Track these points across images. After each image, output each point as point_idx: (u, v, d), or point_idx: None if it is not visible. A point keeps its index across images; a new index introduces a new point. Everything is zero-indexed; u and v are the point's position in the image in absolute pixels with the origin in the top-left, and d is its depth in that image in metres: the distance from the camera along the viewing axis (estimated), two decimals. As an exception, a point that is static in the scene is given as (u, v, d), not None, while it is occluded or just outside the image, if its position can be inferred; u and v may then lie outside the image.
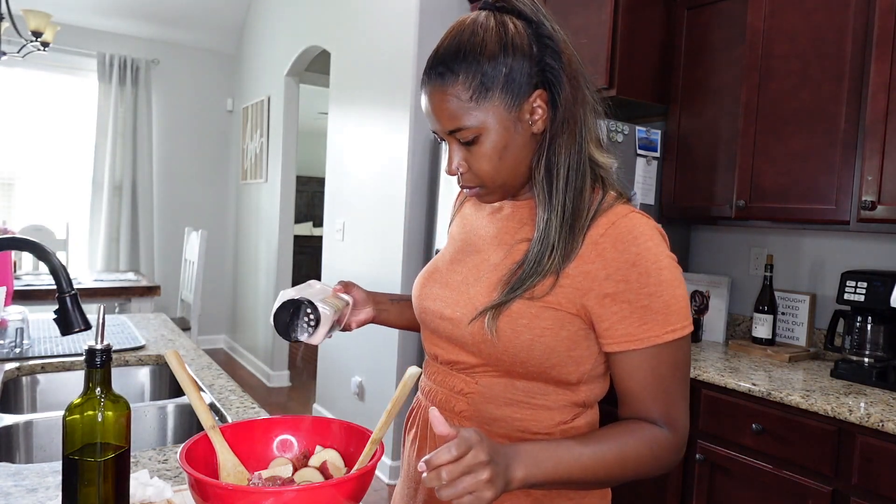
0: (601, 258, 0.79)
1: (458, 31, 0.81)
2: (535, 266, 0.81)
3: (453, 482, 0.64)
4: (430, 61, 0.82)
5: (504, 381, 0.84)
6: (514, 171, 0.83)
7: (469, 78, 0.78)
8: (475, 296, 0.85)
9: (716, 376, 1.84)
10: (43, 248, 1.01)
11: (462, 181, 0.86)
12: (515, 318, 0.80)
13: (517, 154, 0.82)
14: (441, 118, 0.81)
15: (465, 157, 0.83)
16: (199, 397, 0.80)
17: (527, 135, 0.82)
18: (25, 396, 1.59)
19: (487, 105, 0.79)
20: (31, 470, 0.98)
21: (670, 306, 0.78)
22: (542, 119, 0.82)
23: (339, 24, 3.76)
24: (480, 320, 0.82)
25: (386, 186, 3.21)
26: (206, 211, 5.67)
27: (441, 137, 0.85)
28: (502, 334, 0.81)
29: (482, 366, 0.85)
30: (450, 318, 0.87)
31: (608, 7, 2.27)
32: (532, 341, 0.80)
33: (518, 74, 0.79)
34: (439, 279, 0.92)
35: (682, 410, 0.82)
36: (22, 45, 3.73)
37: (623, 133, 2.28)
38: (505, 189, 0.85)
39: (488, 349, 0.82)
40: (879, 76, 1.73)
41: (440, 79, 0.79)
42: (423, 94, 0.83)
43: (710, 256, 2.55)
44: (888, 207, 1.72)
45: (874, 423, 1.49)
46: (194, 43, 5.47)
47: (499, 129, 0.80)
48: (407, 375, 0.75)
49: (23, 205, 5.01)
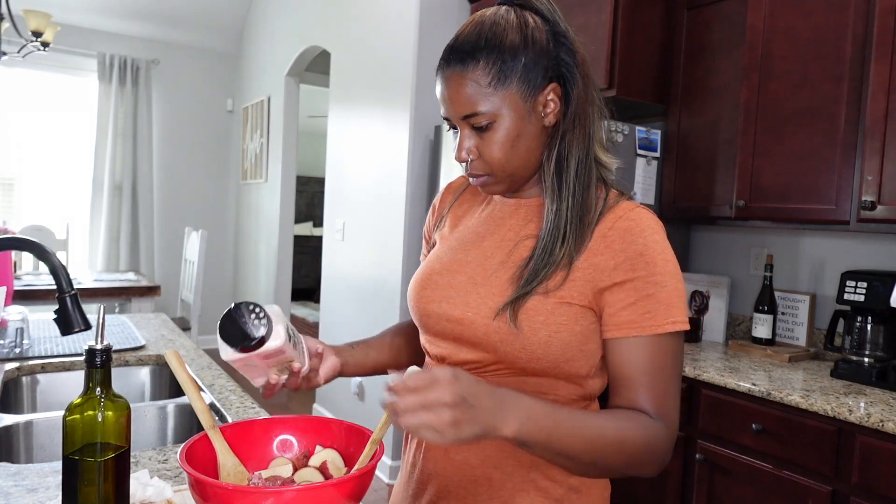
0: (610, 249, 0.81)
1: (479, 22, 0.83)
2: (547, 257, 0.82)
3: (411, 413, 0.65)
4: (449, 48, 0.84)
5: (516, 378, 0.85)
6: (524, 162, 0.85)
7: (489, 65, 0.80)
8: (486, 295, 0.85)
9: (716, 376, 1.84)
10: (43, 248, 1.01)
11: (470, 168, 0.86)
12: (532, 316, 0.81)
13: (528, 144, 0.84)
14: (458, 102, 0.82)
15: (477, 143, 0.84)
16: (199, 397, 0.80)
17: (539, 126, 0.84)
18: (25, 396, 1.59)
19: (504, 92, 0.81)
20: (32, 470, 0.98)
21: (673, 298, 0.80)
22: (555, 112, 0.84)
23: (339, 24, 3.76)
24: (502, 318, 0.82)
25: (386, 186, 3.21)
26: (206, 211, 5.67)
27: (452, 125, 0.86)
28: (520, 332, 0.81)
29: (495, 364, 0.85)
30: (458, 320, 0.87)
31: (608, 7, 2.27)
32: (549, 337, 0.81)
33: (535, 66, 0.82)
34: (440, 282, 0.91)
35: (675, 405, 0.82)
36: (22, 45, 3.73)
37: (623, 133, 2.28)
38: (513, 179, 0.87)
39: (505, 347, 0.83)
40: (879, 76, 1.73)
41: (460, 63, 0.81)
42: (440, 79, 0.84)
43: (710, 256, 2.55)
44: (888, 207, 1.72)
45: (874, 423, 1.49)
46: (194, 43, 5.47)
47: (513, 118, 0.82)
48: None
49: (23, 205, 5.01)
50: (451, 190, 1.06)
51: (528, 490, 0.85)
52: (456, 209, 1.02)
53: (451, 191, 1.06)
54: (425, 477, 0.92)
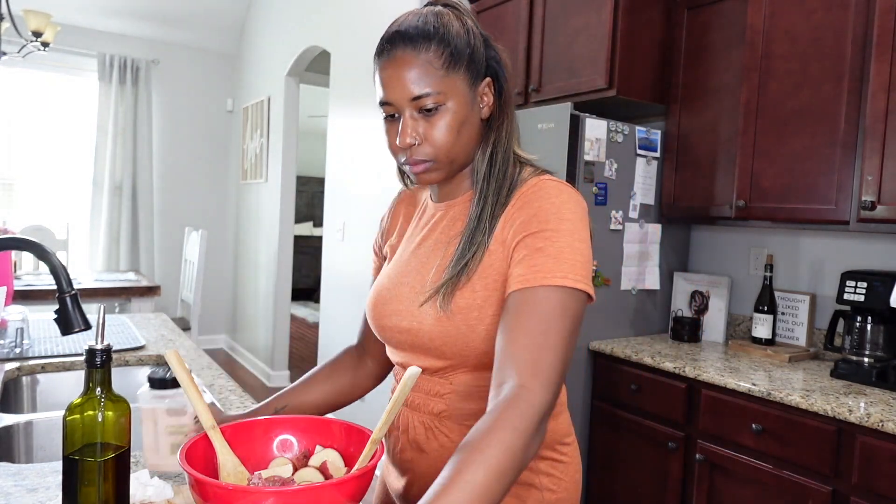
0: (511, 220, 0.84)
1: (420, 13, 0.86)
2: (468, 243, 0.85)
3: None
4: (393, 33, 0.84)
5: (476, 374, 0.87)
6: (465, 150, 0.88)
7: (441, 48, 0.83)
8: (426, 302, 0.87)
9: (716, 376, 1.84)
10: (43, 248, 1.01)
11: (413, 154, 0.85)
12: (466, 313, 0.83)
13: (470, 132, 0.87)
14: (409, 82, 0.82)
15: (424, 127, 0.84)
16: (199, 397, 0.80)
17: (478, 117, 0.88)
18: (25, 396, 1.59)
19: (455, 77, 0.83)
20: (32, 470, 0.98)
21: (563, 253, 0.77)
22: (489, 105, 0.89)
23: (339, 24, 3.76)
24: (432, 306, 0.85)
25: (386, 186, 3.21)
26: (206, 211, 5.67)
27: (391, 112, 0.85)
28: (459, 333, 0.84)
29: (451, 367, 0.88)
30: (407, 330, 0.89)
31: (608, 7, 2.27)
32: (487, 330, 0.83)
33: (479, 56, 0.87)
34: (387, 296, 0.94)
35: (552, 365, 0.73)
36: (22, 45, 3.73)
37: (623, 133, 2.28)
38: (452, 166, 0.88)
39: (451, 348, 0.85)
40: (879, 76, 1.73)
41: (411, 45, 0.82)
42: (384, 62, 0.84)
43: (710, 256, 2.55)
44: (888, 207, 1.72)
45: (874, 422, 1.49)
46: (194, 43, 5.47)
47: (460, 102, 0.84)
48: (407, 375, 0.75)
49: (23, 205, 5.01)
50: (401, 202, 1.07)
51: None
52: (403, 222, 1.03)
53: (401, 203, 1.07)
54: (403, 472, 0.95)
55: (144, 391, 0.95)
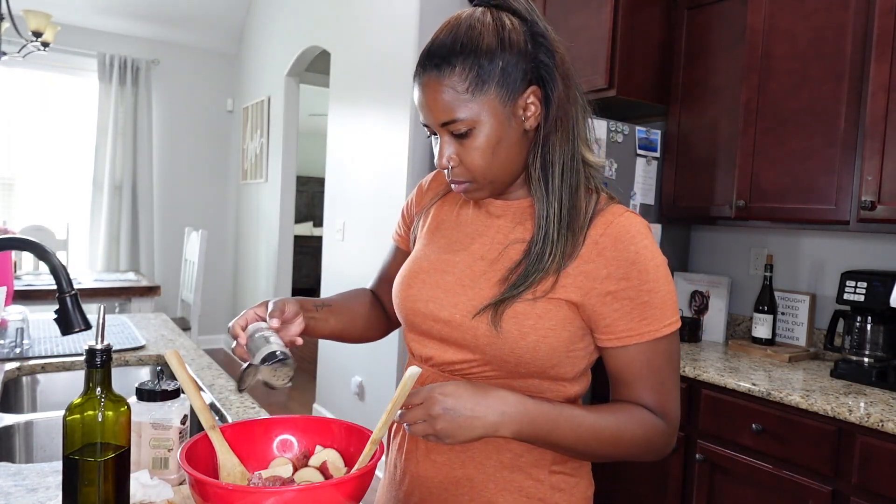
0: (601, 257, 0.81)
1: (455, 25, 0.81)
2: (537, 264, 0.81)
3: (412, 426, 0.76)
4: (425, 53, 0.82)
5: (501, 381, 0.85)
6: (506, 167, 0.84)
7: (466, 70, 0.78)
8: (474, 297, 0.84)
9: (716, 376, 1.84)
10: (43, 248, 1.01)
11: (452, 175, 0.85)
12: (521, 320, 0.81)
13: (509, 149, 0.82)
14: (435, 110, 0.80)
15: (458, 150, 0.82)
16: (199, 397, 0.80)
17: (520, 131, 0.82)
18: (25, 396, 1.59)
19: (483, 98, 0.79)
20: (32, 470, 0.98)
21: (666, 302, 0.82)
22: (535, 115, 0.82)
23: (339, 24, 3.76)
24: (484, 318, 0.82)
25: (386, 186, 3.21)
26: (206, 211, 5.67)
27: (432, 131, 0.84)
28: (508, 336, 0.81)
29: (481, 365, 0.85)
30: (447, 321, 0.86)
31: (608, 7, 2.27)
32: (537, 342, 0.81)
33: (514, 69, 0.80)
34: (427, 281, 0.90)
35: (675, 401, 0.85)
36: (22, 45, 3.73)
37: (623, 133, 2.28)
38: (494, 185, 0.85)
39: (493, 350, 0.83)
40: (879, 76, 1.73)
41: (436, 70, 0.79)
42: (417, 85, 0.82)
43: (710, 256, 2.55)
44: (888, 207, 1.72)
45: (874, 422, 1.49)
46: (194, 43, 5.47)
47: (493, 123, 0.80)
48: (407, 375, 0.75)
49: (23, 205, 5.01)
50: (438, 181, 1.03)
51: (509, 490, 0.85)
52: (441, 205, 0.99)
53: (439, 182, 1.03)
54: (407, 478, 0.92)
55: (132, 402, 0.94)
